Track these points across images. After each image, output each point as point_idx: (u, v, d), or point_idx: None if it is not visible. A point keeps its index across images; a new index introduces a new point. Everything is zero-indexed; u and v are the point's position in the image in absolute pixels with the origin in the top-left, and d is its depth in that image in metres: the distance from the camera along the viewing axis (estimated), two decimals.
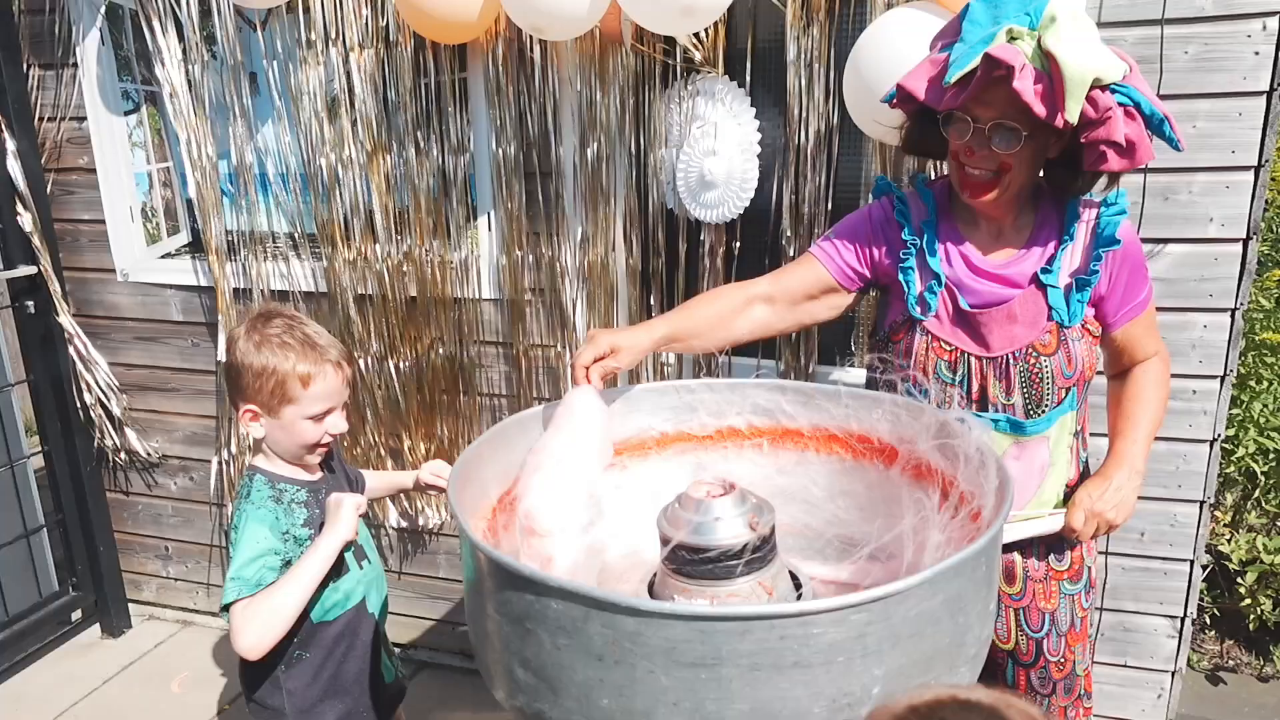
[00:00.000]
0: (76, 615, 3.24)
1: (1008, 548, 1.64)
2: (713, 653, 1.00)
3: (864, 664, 1.02)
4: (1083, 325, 1.57)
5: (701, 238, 2.34)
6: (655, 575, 1.37)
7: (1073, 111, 1.36)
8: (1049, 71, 1.37)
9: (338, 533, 1.60)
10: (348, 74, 2.46)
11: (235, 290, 2.79)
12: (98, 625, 3.27)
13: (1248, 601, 2.84)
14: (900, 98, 1.55)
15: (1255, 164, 1.96)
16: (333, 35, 2.43)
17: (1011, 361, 1.56)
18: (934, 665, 1.09)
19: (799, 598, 1.35)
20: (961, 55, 1.42)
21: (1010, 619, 1.70)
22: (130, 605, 3.32)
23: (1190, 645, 2.74)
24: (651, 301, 2.43)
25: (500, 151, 2.42)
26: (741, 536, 1.25)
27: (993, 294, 1.57)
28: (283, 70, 2.54)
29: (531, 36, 2.28)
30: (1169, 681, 2.35)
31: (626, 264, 2.43)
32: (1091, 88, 1.37)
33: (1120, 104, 1.39)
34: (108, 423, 3.07)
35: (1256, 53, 1.89)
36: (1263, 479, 2.84)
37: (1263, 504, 2.93)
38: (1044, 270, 1.55)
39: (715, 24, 2.15)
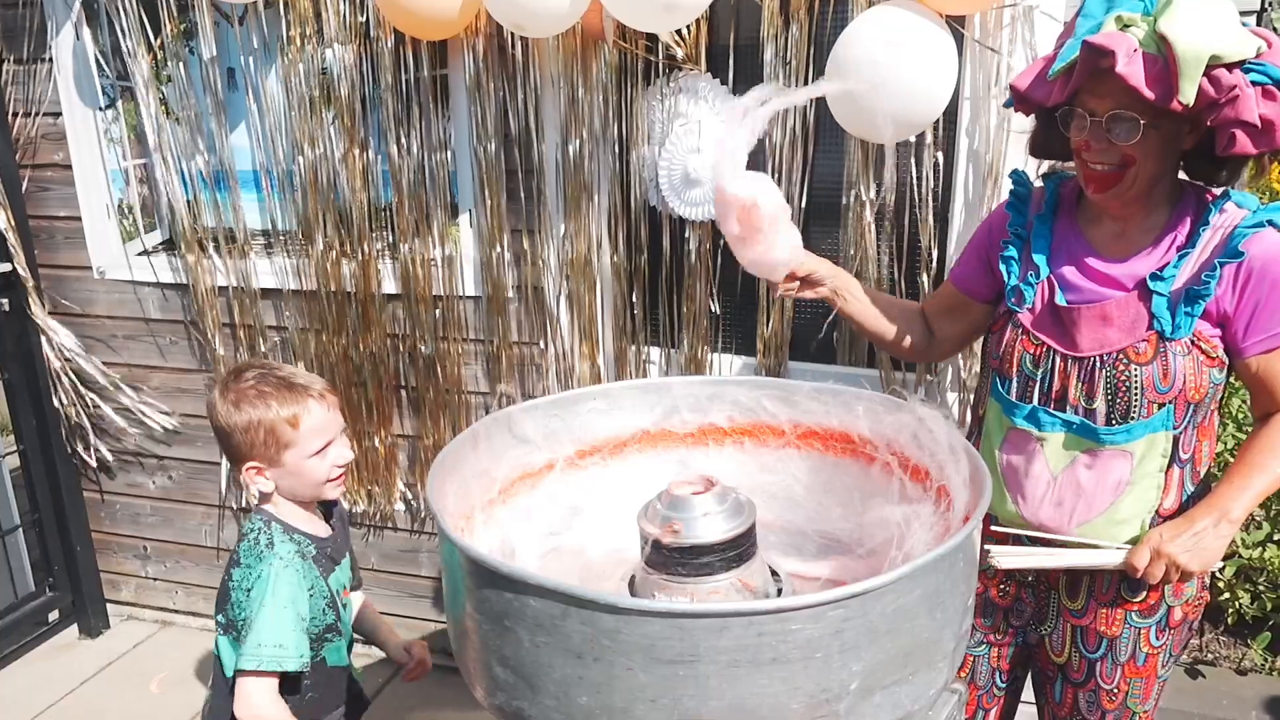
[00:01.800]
0: (53, 616, 3.21)
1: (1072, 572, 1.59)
2: (691, 650, 0.99)
3: (842, 660, 1.02)
4: (1193, 341, 1.45)
5: (686, 235, 2.34)
6: (636, 573, 1.37)
7: (1187, 92, 1.29)
8: (1163, 54, 1.31)
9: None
10: (324, 70, 2.44)
11: (218, 288, 2.77)
12: (75, 626, 3.24)
13: (1226, 596, 2.87)
14: (1017, 100, 1.53)
15: None
16: (308, 31, 2.41)
17: (1099, 365, 1.47)
18: (912, 661, 1.09)
19: (779, 594, 1.35)
20: (1068, 48, 1.40)
21: (1067, 634, 1.63)
22: (108, 605, 3.29)
23: None
24: (635, 299, 2.43)
25: (481, 148, 2.40)
26: (721, 534, 1.25)
27: (1093, 293, 1.50)
28: (261, 65, 2.52)
29: (513, 33, 2.27)
30: None
31: (611, 261, 2.42)
32: (1214, 66, 1.29)
33: (1256, 83, 1.31)
34: (84, 421, 3.04)
35: None
36: None
37: None
38: (1154, 276, 1.45)
39: (697, 21, 2.15)
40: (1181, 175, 1.53)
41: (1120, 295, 1.48)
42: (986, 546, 1.52)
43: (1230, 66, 1.31)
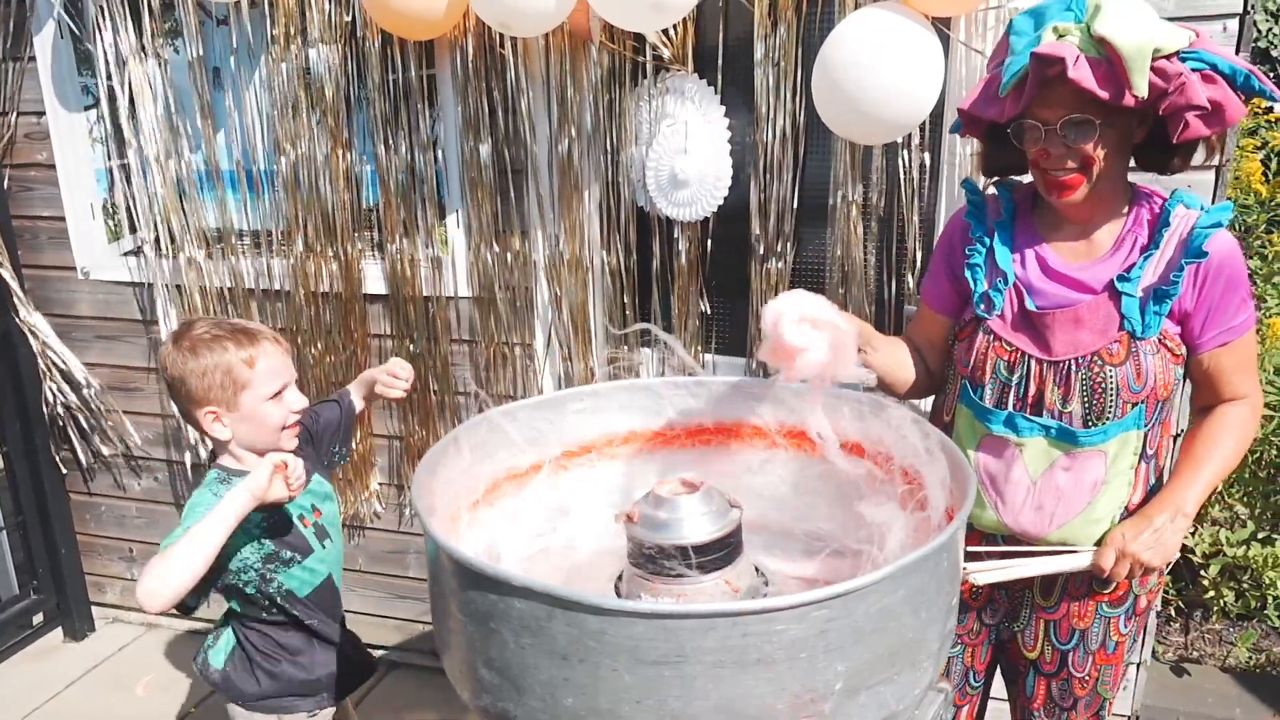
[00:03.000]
0: (38, 619, 3.19)
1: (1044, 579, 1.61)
2: (676, 650, 0.99)
3: (827, 660, 1.03)
4: (1160, 340, 1.49)
5: (675, 236, 2.34)
6: (623, 574, 1.37)
7: (1139, 85, 1.33)
8: (1105, 56, 1.35)
9: (246, 483, 1.52)
10: (307, 69, 2.43)
11: (203, 288, 2.76)
12: (60, 629, 3.22)
13: (1211, 594, 2.88)
14: (965, 123, 1.54)
15: (1216, 164, 1.98)
16: (293, 31, 2.40)
17: (1074, 368, 1.50)
18: (896, 661, 1.09)
19: (765, 594, 1.35)
20: (1011, 64, 1.42)
21: (1039, 629, 1.66)
22: (93, 608, 3.27)
23: (1155, 637, 2.79)
24: (625, 300, 2.43)
25: (470, 148, 2.40)
26: (707, 534, 1.25)
27: (1062, 297, 1.52)
28: (246, 65, 2.51)
29: (501, 33, 2.26)
30: (1134, 673, 2.38)
31: (603, 262, 2.42)
32: (1156, 58, 1.34)
33: (1195, 69, 1.35)
34: (69, 423, 3.01)
35: None
36: None
37: (1225, 498, 2.98)
38: (1121, 278, 1.48)
39: (684, 21, 2.15)
40: (1132, 176, 1.56)
41: (1090, 298, 1.50)
42: (963, 564, 1.53)
43: (1169, 57, 1.35)
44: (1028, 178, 1.58)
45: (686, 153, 2.22)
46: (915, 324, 1.78)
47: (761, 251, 2.27)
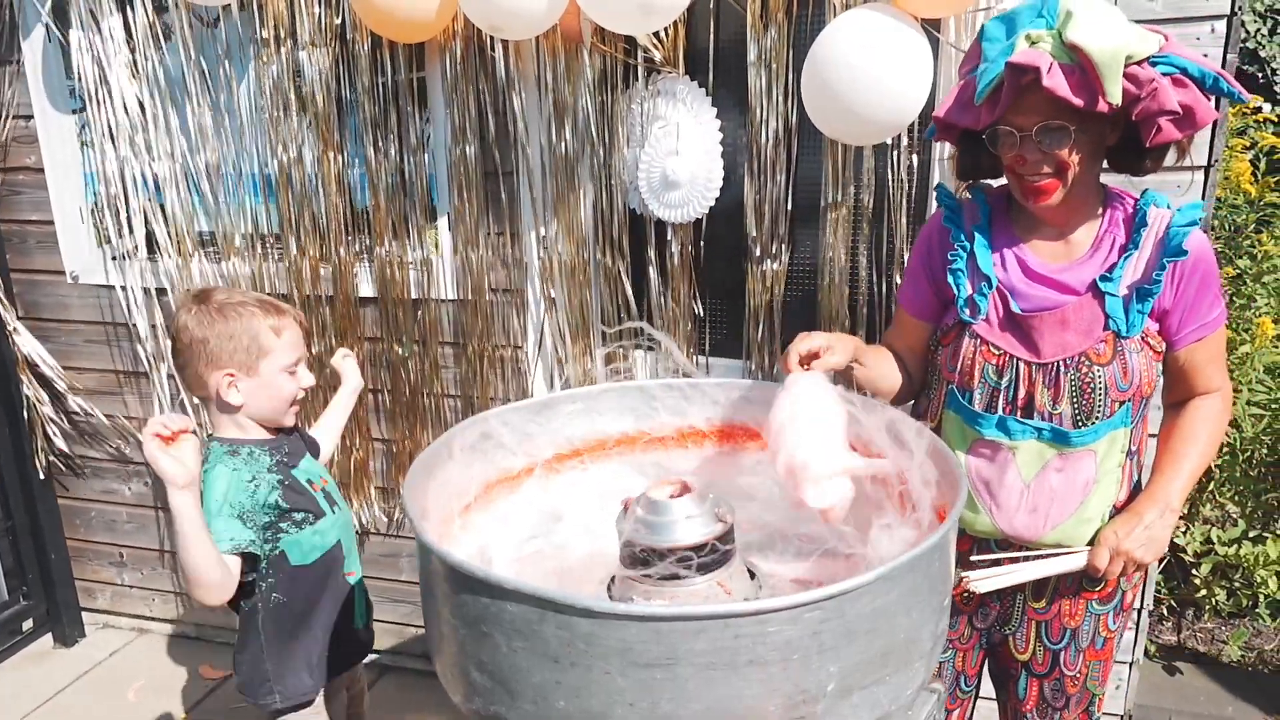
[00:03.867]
0: (28, 625, 3.17)
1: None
2: (668, 652, 0.99)
3: (819, 661, 1.03)
4: (1143, 338, 1.51)
5: (668, 237, 2.34)
6: (615, 576, 1.37)
7: (1113, 93, 1.35)
8: (1078, 63, 1.36)
9: (169, 484, 1.48)
10: (297, 72, 2.43)
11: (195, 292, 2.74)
12: (50, 634, 3.20)
13: (1203, 593, 2.90)
14: (940, 129, 1.55)
15: (1205, 164, 2.00)
16: (282, 34, 2.39)
17: (1062, 369, 1.51)
18: (889, 661, 1.09)
19: (758, 595, 1.35)
20: (985, 71, 1.43)
21: (1031, 631, 1.68)
22: (84, 613, 3.25)
23: (1147, 636, 2.79)
24: (621, 301, 2.43)
25: (459, 151, 2.39)
26: (699, 537, 1.25)
27: (1046, 299, 1.53)
28: (236, 68, 2.50)
29: (492, 35, 2.26)
30: (1126, 672, 2.38)
31: (595, 263, 2.42)
32: (1128, 64, 1.35)
33: (1165, 74, 1.37)
34: (58, 427, 3.00)
35: (1205, 55, 1.92)
36: (1217, 473, 2.90)
37: (1216, 497, 2.99)
38: (1103, 278, 1.50)
39: (675, 23, 2.15)
40: (1104, 178, 1.57)
41: (1075, 299, 1.51)
42: (963, 573, 1.55)
43: (1140, 62, 1.37)
44: (1000, 181, 1.59)
45: (678, 154, 2.22)
46: (894, 331, 1.78)
47: (757, 253, 2.28)
